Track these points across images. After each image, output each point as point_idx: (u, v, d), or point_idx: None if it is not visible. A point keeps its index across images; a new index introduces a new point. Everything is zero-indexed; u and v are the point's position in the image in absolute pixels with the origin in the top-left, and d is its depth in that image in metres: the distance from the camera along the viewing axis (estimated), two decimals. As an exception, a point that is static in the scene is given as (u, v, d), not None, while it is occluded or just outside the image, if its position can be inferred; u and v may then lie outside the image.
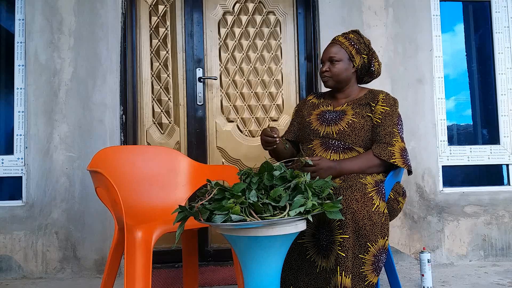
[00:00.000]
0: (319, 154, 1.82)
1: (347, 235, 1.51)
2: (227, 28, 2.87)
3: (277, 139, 1.73)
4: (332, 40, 1.99)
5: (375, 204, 1.55)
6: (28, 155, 2.58)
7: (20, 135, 2.63)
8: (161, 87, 2.80)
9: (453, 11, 3.09)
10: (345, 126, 1.82)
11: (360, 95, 1.95)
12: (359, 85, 2.03)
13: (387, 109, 1.84)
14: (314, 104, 2.04)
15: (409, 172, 1.82)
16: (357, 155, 1.78)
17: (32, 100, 2.59)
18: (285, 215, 1.28)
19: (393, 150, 1.75)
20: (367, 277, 1.53)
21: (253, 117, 2.86)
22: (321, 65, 1.97)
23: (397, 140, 1.79)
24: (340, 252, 1.51)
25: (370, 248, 1.52)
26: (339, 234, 1.53)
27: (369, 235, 1.52)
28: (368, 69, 2.00)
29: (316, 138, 1.88)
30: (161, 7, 2.83)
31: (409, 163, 1.78)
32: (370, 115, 1.85)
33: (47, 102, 2.59)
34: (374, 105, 1.87)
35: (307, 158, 1.67)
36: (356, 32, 1.99)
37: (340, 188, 1.59)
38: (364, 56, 1.95)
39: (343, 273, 1.49)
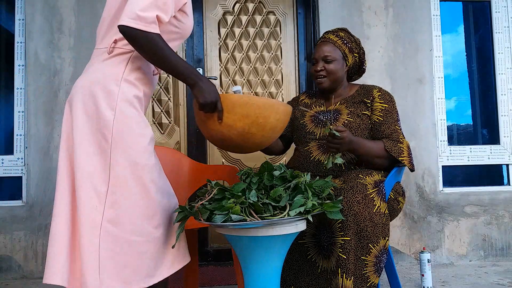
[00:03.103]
0: (317, 157, 1.82)
1: (348, 237, 1.51)
2: (227, 28, 2.87)
3: None
4: (323, 38, 1.94)
5: (376, 205, 1.54)
6: (28, 155, 2.57)
7: (20, 135, 2.63)
8: (161, 87, 2.80)
9: (453, 11, 3.09)
10: (341, 126, 1.82)
11: (352, 93, 1.93)
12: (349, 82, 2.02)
13: (386, 106, 1.83)
14: (306, 104, 2.02)
15: (412, 170, 1.82)
16: (371, 141, 1.77)
17: (32, 100, 2.59)
18: (285, 215, 1.28)
19: (402, 148, 1.76)
20: (369, 278, 1.53)
21: (253, 117, 2.86)
22: (312, 64, 1.93)
23: (403, 138, 1.81)
24: (341, 254, 1.51)
25: (372, 249, 1.52)
26: (340, 236, 1.53)
27: (371, 236, 1.52)
28: (359, 68, 1.99)
29: (313, 140, 1.87)
30: (161, 7, 2.83)
31: (413, 162, 1.80)
32: (367, 112, 1.84)
33: (47, 102, 2.59)
34: (369, 101, 1.85)
35: (333, 127, 1.61)
36: (345, 30, 1.96)
37: (341, 190, 1.59)
38: (355, 55, 1.93)
39: (344, 275, 1.49)
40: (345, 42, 1.90)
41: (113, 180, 1.28)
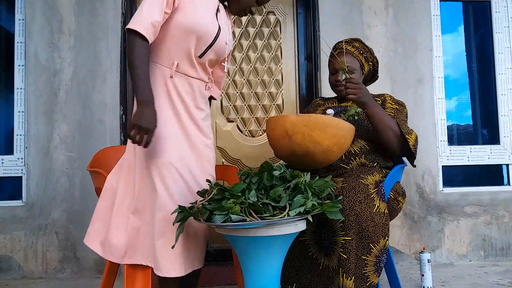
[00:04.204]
0: None
1: (349, 237, 1.52)
2: (227, 28, 2.86)
3: None
4: (340, 48, 1.99)
5: (375, 205, 1.55)
6: (28, 155, 2.58)
7: (20, 135, 2.63)
8: (161, 87, 2.80)
9: (453, 11, 3.09)
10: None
11: None
12: None
13: (397, 107, 1.92)
14: (320, 104, 2.11)
15: (413, 159, 1.84)
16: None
17: (32, 100, 2.59)
18: (284, 215, 1.28)
19: (411, 131, 1.82)
20: (369, 278, 1.53)
21: (253, 117, 2.86)
22: (331, 73, 2.00)
23: (412, 131, 1.85)
24: (342, 254, 1.51)
25: (373, 249, 1.53)
26: (341, 236, 1.53)
27: (372, 236, 1.53)
28: (373, 76, 2.09)
29: None
30: (161, 7, 2.83)
31: (417, 150, 1.82)
32: None
33: (47, 102, 2.59)
34: (380, 100, 1.94)
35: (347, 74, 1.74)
36: (359, 40, 2.03)
37: (343, 189, 1.59)
38: (370, 63, 2.02)
39: (345, 275, 1.50)
40: (361, 52, 1.98)
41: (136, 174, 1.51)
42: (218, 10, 1.57)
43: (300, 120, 1.56)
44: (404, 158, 1.98)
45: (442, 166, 2.86)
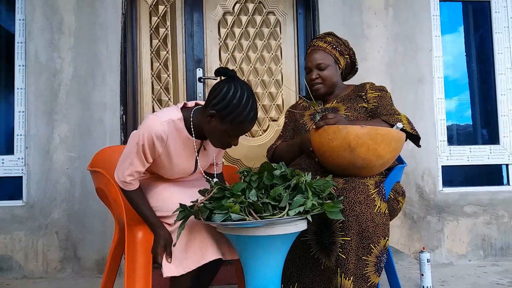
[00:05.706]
0: None
1: (348, 237, 1.52)
2: (227, 28, 2.87)
3: None
4: (312, 46, 1.99)
5: (376, 205, 1.55)
6: (28, 155, 2.58)
7: (20, 135, 2.64)
8: (161, 87, 2.80)
9: (453, 11, 3.09)
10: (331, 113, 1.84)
11: (348, 91, 1.98)
12: (344, 82, 2.07)
13: (378, 93, 1.89)
14: (304, 106, 2.06)
15: (418, 139, 1.83)
16: (366, 121, 1.79)
17: (32, 100, 2.59)
18: (284, 215, 1.28)
19: (400, 118, 1.78)
20: (370, 278, 1.53)
21: (253, 117, 2.86)
22: (306, 73, 1.98)
23: (400, 112, 1.82)
24: (340, 254, 1.51)
25: (373, 249, 1.53)
26: (340, 236, 1.53)
27: (372, 236, 1.52)
28: (352, 68, 2.05)
29: None
30: (161, 7, 2.83)
31: (415, 129, 1.80)
32: (364, 105, 1.88)
33: (47, 102, 2.60)
34: (364, 94, 1.90)
35: (320, 113, 1.70)
36: (332, 34, 2.00)
37: (344, 190, 1.59)
38: (346, 56, 1.98)
39: (343, 275, 1.50)
40: (334, 46, 1.94)
41: None
42: (202, 147, 1.62)
43: (366, 133, 1.52)
44: (403, 154, 1.97)
45: (442, 166, 2.87)
